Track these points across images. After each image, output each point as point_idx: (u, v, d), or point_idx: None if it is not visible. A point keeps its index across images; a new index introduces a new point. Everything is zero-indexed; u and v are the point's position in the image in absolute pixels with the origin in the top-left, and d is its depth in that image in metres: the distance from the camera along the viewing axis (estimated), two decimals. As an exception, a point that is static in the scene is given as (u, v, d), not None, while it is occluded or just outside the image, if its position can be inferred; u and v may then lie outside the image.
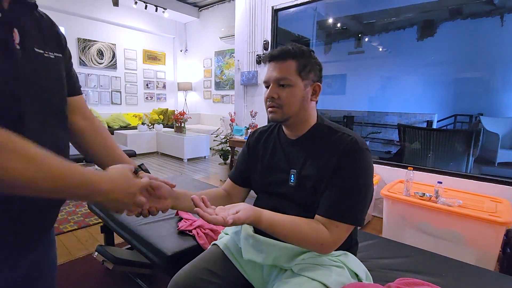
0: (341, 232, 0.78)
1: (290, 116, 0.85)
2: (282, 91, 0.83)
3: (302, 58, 0.84)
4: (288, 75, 0.82)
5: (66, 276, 1.68)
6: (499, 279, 1.06)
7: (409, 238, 1.93)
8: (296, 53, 0.83)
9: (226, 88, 6.49)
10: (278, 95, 0.84)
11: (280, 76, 0.83)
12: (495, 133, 3.49)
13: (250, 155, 1.00)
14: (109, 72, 6.38)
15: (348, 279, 0.82)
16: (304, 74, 0.84)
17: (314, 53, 0.88)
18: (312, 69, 0.85)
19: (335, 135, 0.84)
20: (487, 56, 4.25)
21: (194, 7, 6.76)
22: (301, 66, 0.83)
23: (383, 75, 5.47)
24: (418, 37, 4.58)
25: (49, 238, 0.69)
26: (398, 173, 2.53)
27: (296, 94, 0.83)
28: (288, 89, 0.83)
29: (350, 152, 0.80)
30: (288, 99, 0.83)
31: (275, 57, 0.85)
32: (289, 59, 0.83)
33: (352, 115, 5.24)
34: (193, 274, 0.87)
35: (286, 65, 0.83)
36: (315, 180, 0.82)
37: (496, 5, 3.74)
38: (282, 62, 0.84)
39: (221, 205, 0.96)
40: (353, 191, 0.78)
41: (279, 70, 0.83)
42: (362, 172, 0.80)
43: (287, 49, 0.84)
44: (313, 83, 0.86)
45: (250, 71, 3.78)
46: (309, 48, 0.87)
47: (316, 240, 0.76)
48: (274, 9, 3.57)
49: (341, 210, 0.77)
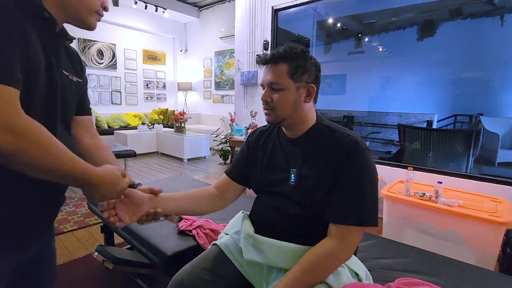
0: (355, 236, 0.78)
1: (283, 119, 0.86)
2: (274, 95, 0.84)
3: (294, 61, 0.83)
4: (279, 79, 0.83)
5: (66, 276, 1.68)
6: (499, 279, 1.06)
7: (409, 238, 1.93)
8: (288, 55, 0.83)
9: (226, 88, 6.49)
10: (271, 99, 0.85)
11: (272, 80, 0.84)
12: (495, 133, 3.49)
13: (250, 154, 1.00)
14: (109, 72, 6.38)
15: (349, 279, 0.82)
16: (296, 77, 0.83)
17: (309, 53, 0.87)
18: (306, 71, 0.84)
19: (334, 134, 0.85)
20: (487, 56, 4.25)
21: (194, 7, 6.76)
22: (293, 69, 0.83)
23: (383, 75, 5.48)
24: (418, 37, 4.58)
25: (51, 231, 0.80)
26: (398, 173, 2.53)
27: (288, 98, 0.84)
28: (279, 92, 0.84)
29: (351, 152, 0.80)
30: (280, 102, 0.84)
31: (268, 61, 0.85)
32: (281, 62, 0.83)
33: (352, 115, 5.24)
34: (193, 274, 0.87)
35: (278, 69, 0.83)
36: (315, 179, 0.82)
37: (496, 5, 3.75)
38: (274, 65, 0.84)
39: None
40: (362, 193, 0.78)
41: (271, 73, 0.84)
42: (367, 172, 0.80)
43: (278, 52, 0.84)
44: (306, 84, 0.85)
45: (250, 71, 3.78)
46: (304, 48, 0.86)
47: (331, 262, 0.77)
48: (274, 9, 3.57)
49: (353, 214, 0.77)
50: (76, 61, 0.76)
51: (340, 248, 0.77)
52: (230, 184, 1.01)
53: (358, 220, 0.77)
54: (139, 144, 5.23)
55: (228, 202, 1.02)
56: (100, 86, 6.27)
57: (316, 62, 0.88)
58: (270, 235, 0.86)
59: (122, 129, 5.78)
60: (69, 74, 0.70)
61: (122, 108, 6.62)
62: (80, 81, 0.75)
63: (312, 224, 0.84)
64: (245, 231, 0.90)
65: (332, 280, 0.78)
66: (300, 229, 0.85)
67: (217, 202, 0.99)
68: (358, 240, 0.80)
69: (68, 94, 0.69)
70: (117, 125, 5.93)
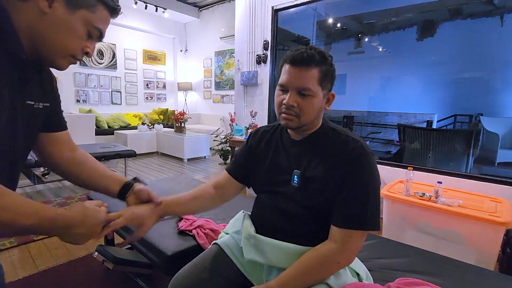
0: (357, 240, 0.78)
1: (305, 125, 0.83)
2: (302, 101, 0.79)
3: (324, 66, 0.79)
4: (311, 85, 0.78)
5: (66, 276, 1.68)
6: (499, 279, 1.06)
7: (409, 238, 1.93)
8: (320, 60, 0.78)
9: (226, 88, 6.49)
10: (297, 104, 0.79)
11: (303, 86, 0.78)
12: (495, 133, 3.49)
13: (252, 154, 0.99)
14: (109, 72, 6.38)
15: (349, 278, 0.82)
16: (324, 84, 0.80)
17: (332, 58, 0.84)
18: (332, 78, 0.82)
19: (340, 137, 0.84)
20: (486, 56, 4.25)
21: (194, 7, 6.76)
22: (323, 75, 0.79)
23: (383, 75, 5.48)
24: (418, 37, 4.58)
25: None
26: (398, 173, 2.52)
27: (316, 105, 0.80)
28: (309, 99, 0.79)
29: (357, 157, 0.79)
30: (308, 109, 0.79)
31: (299, 63, 0.78)
32: (313, 67, 0.78)
33: (352, 115, 5.24)
34: (193, 274, 0.87)
35: (310, 74, 0.78)
36: (321, 182, 0.81)
37: (496, 5, 3.75)
38: (305, 69, 0.78)
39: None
40: (366, 199, 0.77)
41: (302, 78, 0.78)
42: (372, 178, 0.79)
43: (311, 55, 0.78)
44: (327, 92, 0.83)
45: (250, 71, 3.78)
46: (329, 54, 0.82)
47: (330, 265, 0.77)
48: (274, 9, 3.57)
49: (358, 218, 0.77)
50: (47, 84, 0.70)
51: (340, 252, 0.76)
52: (230, 181, 1.01)
53: (361, 226, 0.77)
54: (139, 144, 5.23)
55: (226, 199, 1.02)
56: (100, 86, 6.27)
57: (335, 68, 0.84)
58: (271, 235, 0.86)
59: (122, 129, 5.78)
60: (34, 103, 0.64)
61: (122, 108, 6.62)
62: (48, 105, 0.69)
63: (313, 225, 0.84)
64: (246, 231, 0.90)
65: (333, 280, 0.79)
66: (301, 230, 0.85)
67: (216, 200, 1.00)
68: (359, 245, 0.79)
69: (31, 123, 0.65)
70: (117, 125, 5.93)
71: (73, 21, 0.57)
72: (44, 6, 0.54)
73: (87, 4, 0.58)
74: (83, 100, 6.04)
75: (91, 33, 0.61)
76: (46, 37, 0.56)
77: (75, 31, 0.58)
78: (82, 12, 0.58)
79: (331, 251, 0.76)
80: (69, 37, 0.58)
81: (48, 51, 0.58)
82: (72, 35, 0.58)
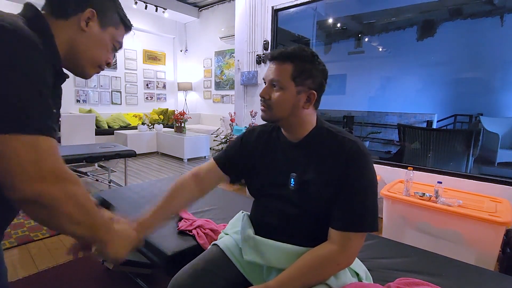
0: (357, 242, 0.78)
1: (278, 119, 0.85)
2: (273, 93, 0.83)
3: (301, 63, 0.81)
4: (280, 78, 0.81)
5: (66, 276, 1.68)
6: (499, 279, 1.06)
7: (409, 238, 1.93)
8: (296, 56, 0.81)
9: (226, 88, 6.49)
10: (269, 96, 0.84)
11: (274, 77, 0.82)
12: (495, 133, 3.49)
13: (245, 151, 0.97)
14: (109, 72, 6.37)
15: (349, 279, 0.82)
16: (299, 80, 0.81)
17: (319, 58, 0.84)
18: (311, 76, 0.81)
19: (336, 138, 0.83)
20: (486, 56, 4.25)
21: (194, 7, 6.76)
22: (298, 71, 0.81)
23: (383, 75, 5.48)
24: (418, 37, 4.58)
25: None
26: (398, 173, 2.53)
27: (286, 99, 0.82)
28: (279, 92, 0.82)
29: (354, 158, 0.79)
30: (277, 102, 0.82)
31: (274, 58, 0.84)
32: (287, 62, 0.81)
33: (352, 115, 5.23)
34: (193, 274, 0.87)
35: (282, 68, 0.81)
36: (318, 185, 0.81)
37: (496, 5, 3.75)
38: (279, 63, 0.82)
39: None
40: (364, 200, 0.78)
41: (275, 71, 0.83)
42: (369, 179, 0.79)
43: (286, 51, 0.82)
44: (308, 90, 0.82)
45: (250, 71, 3.78)
46: (314, 52, 0.83)
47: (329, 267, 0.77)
48: (274, 9, 3.57)
49: (356, 220, 0.77)
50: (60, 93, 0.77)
51: (340, 254, 0.76)
52: (214, 170, 0.97)
53: (360, 227, 0.77)
54: (139, 144, 5.23)
55: (205, 191, 0.98)
56: (100, 86, 6.27)
57: (324, 69, 0.85)
58: (270, 236, 0.86)
59: (122, 129, 5.78)
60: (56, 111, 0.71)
61: (122, 108, 6.62)
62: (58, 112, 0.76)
63: (312, 226, 0.84)
64: (245, 232, 0.90)
65: (333, 280, 0.79)
66: (300, 231, 0.85)
67: (195, 193, 0.96)
68: (359, 246, 0.79)
69: None
70: (117, 125, 5.93)
71: (104, 37, 0.68)
72: (83, 25, 0.64)
73: (113, 23, 0.69)
74: (83, 100, 6.04)
75: (115, 46, 0.72)
76: (83, 50, 0.65)
77: (105, 45, 0.68)
78: (110, 30, 0.68)
79: (331, 253, 0.76)
80: (101, 50, 0.68)
81: (82, 62, 0.67)
82: (103, 49, 0.68)
